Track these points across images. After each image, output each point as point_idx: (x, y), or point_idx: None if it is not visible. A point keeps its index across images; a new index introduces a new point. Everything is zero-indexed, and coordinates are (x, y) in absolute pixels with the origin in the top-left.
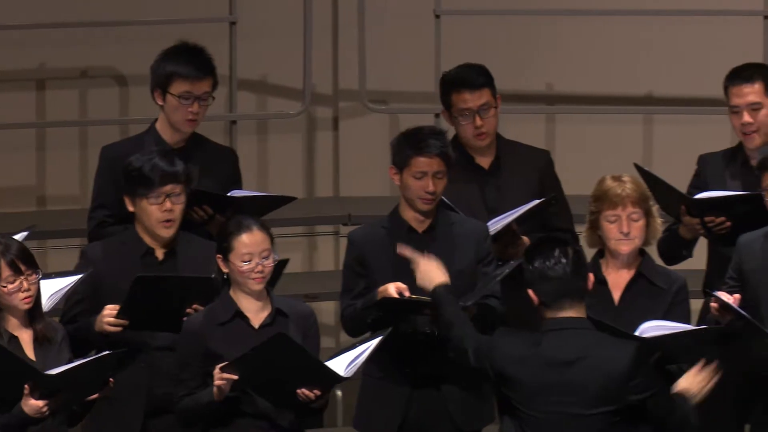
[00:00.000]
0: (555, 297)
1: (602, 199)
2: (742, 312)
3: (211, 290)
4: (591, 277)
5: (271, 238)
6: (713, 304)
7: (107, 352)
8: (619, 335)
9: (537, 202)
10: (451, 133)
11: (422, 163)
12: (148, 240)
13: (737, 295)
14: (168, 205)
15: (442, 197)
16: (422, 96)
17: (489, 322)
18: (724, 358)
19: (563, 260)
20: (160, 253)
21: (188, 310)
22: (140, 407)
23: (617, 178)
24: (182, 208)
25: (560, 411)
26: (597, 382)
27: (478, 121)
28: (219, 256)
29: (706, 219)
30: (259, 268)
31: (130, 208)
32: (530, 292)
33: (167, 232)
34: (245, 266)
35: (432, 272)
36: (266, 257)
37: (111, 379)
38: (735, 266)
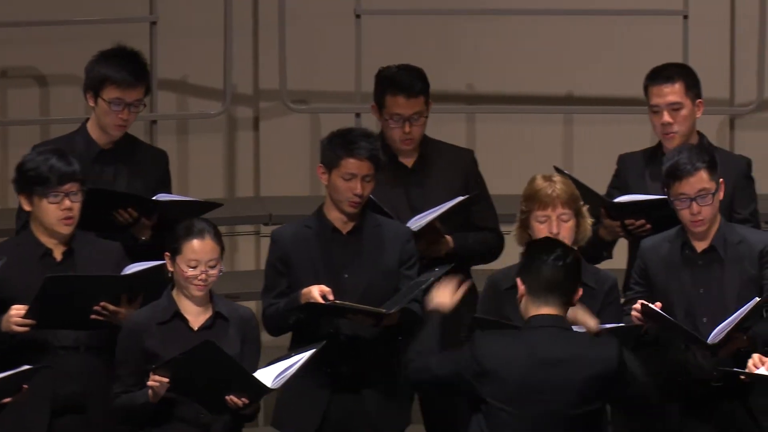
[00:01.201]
0: (543, 290)
1: (532, 199)
2: (672, 319)
3: (121, 287)
4: (580, 291)
5: (222, 248)
6: (635, 313)
7: (28, 367)
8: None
9: (460, 199)
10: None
11: (352, 165)
12: (45, 240)
13: (659, 303)
14: (67, 203)
15: (371, 196)
16: (343, 96)
17: (411, 327)
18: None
19: (561, 260)
20: (58, 254)
21: (96, 308)
22: (46, 407)
23: (548, 178)
24: (79, 206)
25: (544, 410)
26: (584, 382)
27: (407, 128)
28: (167, 254)
29: (627, 222)
30: (203, 276)
31: (27, 208)
32: (518, 280)
33: (67, 229)
34: (190, 272)
35: (444, 295)
36: (213, 266)
37: (25, 386)
38: (640, 271)
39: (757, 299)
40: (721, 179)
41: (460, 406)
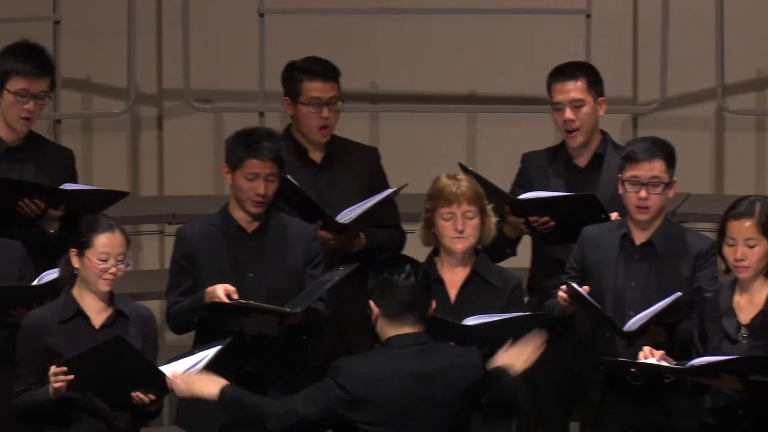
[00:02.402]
0: (400, 310)
1: (437, 197)
2: (595, 304)
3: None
4: (434, 303)
5: (128, 242)
6: (562, 294)
7: None
8: (452, 327)
9: (388, 192)
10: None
11: (255, 165)
12: None
13: (587, 287)
14: None
15: (290, 178)
16: (247, 95)
17: (316, 326)
18: (556, 354)
19: (413, 276)
20: None
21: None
22: None
23: (452, 177)
24: None
25: (419, 427)
26: (455, 394)
27: (325, 113)
28: (73, 250)
29: (531, 219)
30: (113, 270)
31: None
32: (371, 303)
33: None
34: (101, 265)
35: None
36: (121, 260)
37: None
38: (577, 256)
39: (679, 294)
40: (674, 179)
41: None
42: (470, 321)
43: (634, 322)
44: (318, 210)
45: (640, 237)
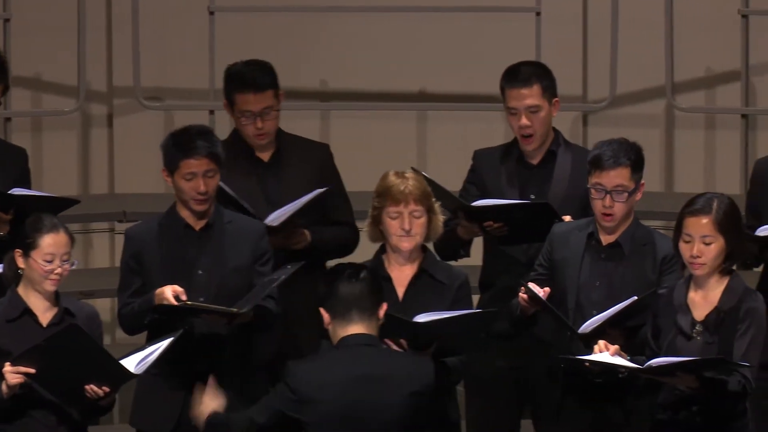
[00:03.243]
0: (345, 310)
1: (385, 195)
2: (551, 306)
3: None
4: (384, 306)
5: (73, 241)
6: (522, 294)
7: None
8: (403, 324)
9: (316, 192)
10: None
11: (191, 164)
12: None
13: (547, 289)
14: None
15: (227, 189)
16: (197, 93)
17: (266, 324)
18: (507, 352)
19: (356, 278)
20: None
21: None
22: None
23: (400, 175)
24: None
25: (367, 429)
26: (404, 399)
27: (259, 123)
28: (18, 251)
29: (485, 224)
30: (59, 270)
31: None
32: (322, 310)
33: None
34: (47, 266)
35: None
36: (66, 260)
37: None
38: (546, 254)
39: (635, 298)
40: (642, 181)
41: None
42: (421, 318)
43: (589, 325)
44: (248, 214)
45: (607, 238)
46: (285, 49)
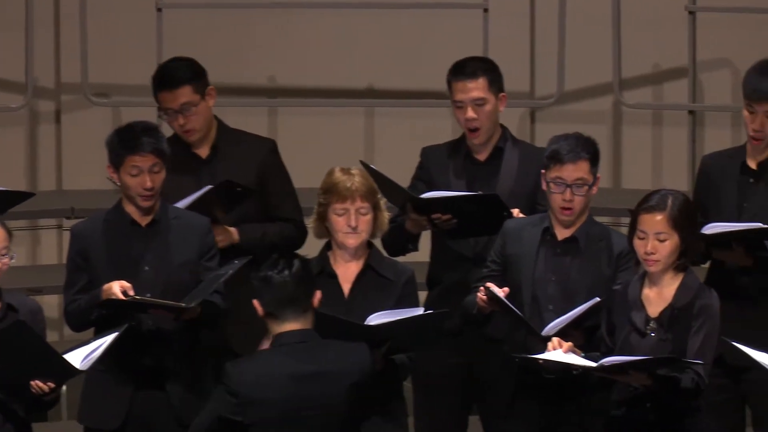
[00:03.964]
0: (278, 306)
1: (331, 192)
2: (512, 307)
3: None
4: (318, 294)
5: (10, 236)
6: (481, 295)
7: None
8: (351, 327)
9: (207, 188)
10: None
11: (136, 160)
12: None
13: (506, 289)
14: None
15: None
16: (145, 89)
17: (213, 319)
18: (457, 348)
19: (287, 270)
20: None
21: None
22: None
23: (346, 171)
24: None
25: (310, 425)
26: (345, 391)
27: (181, 120)
28: None
29: (433, 216)
30: None
31: None
32: (255, 303)
33: None
34: None
35: None
36: (5, 254)
37: None
38: (498, 249)
39: (597, 299)
40: (598, 175)
41: None
42: (373, 320)
43: (552, 327)
44: None
45: (563, 233)
46: (232, 46)
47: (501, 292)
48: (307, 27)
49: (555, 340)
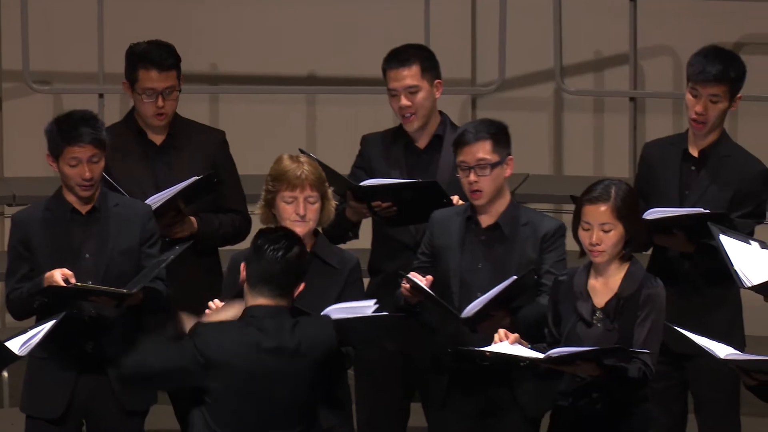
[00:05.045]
0: (259, 280)
1: (280, 180)
2: (433, 294)
3: None
4: (302, 286)
5: None
6: (404, 285)
7: None
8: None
9: (196, 178)
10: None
11: (75, 151)
12: None
13: (430, 277)
14: None
15: (106, 176)
16: (86, 76)
17: (155, 305)
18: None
19: (282, 251)
20: None
21: None
22: None
23: (295, 159)
24: None
25: (272, 399)
26: (310, 368)
27: (160, 102)
28: None
29: (373, 204)
30: None
31: None
32: (242, 266)
33: None
34: None
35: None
36: None
37: None
38: (427, 241)
39: (514, 278)
40: (510, 156)
41: None
42: (330, 314)
43: (470, 309)
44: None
45: (485, 219)
46: (175, 33)
47: (423, 281)
48: (248, 14)
49: (501, 332)
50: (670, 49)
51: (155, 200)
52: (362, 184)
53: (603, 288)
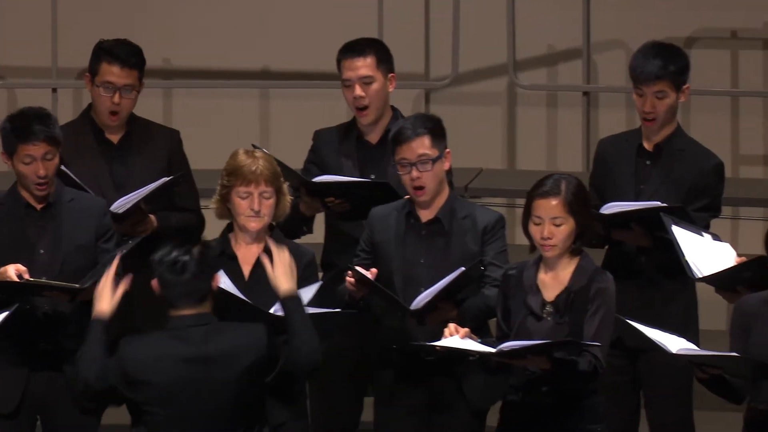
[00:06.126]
0: (175, 291)
1: (235, 175)
2: (380, 286)
3: None
4: (217, 277)
5: None
6: (349, 278)
7: None
8: (256, 313)
9: (164, 180)
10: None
11: (28, 149)
12: None
13: (374, 270)
14: None
15: (67, 171)
16: (40, 71)
17: None
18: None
19: (187, 255)
20: None
21: None
22: None
23: (251, 154)
24: None
25: (202, 408)
26: (240, 374)
27: (117, 98)
28: None
29: (327, 200)
30: None
31: None
32: (154, 283)
33: None
34: None
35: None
36: None
37: None
38: (367, 237)
39: (462, 269)
40: (447, 149)
41: None
42: (279, 310)
43: (419, 300)
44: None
45: (425, 214)
46: (128, 27)
47: (369, 274)
48: (202, 8)
49: (451, 326)
50: (623, 42)
51: (123, 203)
52: (315, 180)
53: (553, 282)
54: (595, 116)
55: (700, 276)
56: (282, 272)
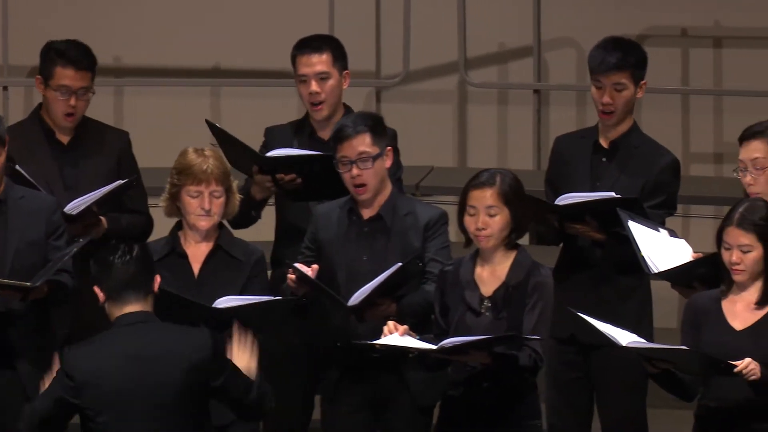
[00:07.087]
0: (119, 290)
1: (185, 174)
2: (320, 284)
3: None
4: (158, 278)
5: None
6: (290, 276)
7: None
8: (198, 309)
9: (118, 183)
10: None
11: None
12: None
13: (315, 266)
14: None
15: (21, 171)
16: None
17: (61, 297)
18: (300, 330)
19: (128, 255)
20: None
21: None
22: None
23: (200, 153)
24: None
25: (146, 409)
26: (184, 374)
27: (73, 101)
28: None
29: (277, 176)
30: None
31: None
32: (96, 289)
33: None
34: None
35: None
36: None
37: None
38: (311, 236)
39: (399, 265)
40: (389, 147)
41: None
42: (221, 304)
43: (357, 297)
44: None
45: (367, 212)
46: (78, 25)
47: (309, 271)
48: (152, 6)
49: (390, 324)
50: (573, 41)
51: (76, 204)
52: (268, 154)
53: (490, 277)
54: (546, 114)
55: (657, 271)
56: (239, 353)
